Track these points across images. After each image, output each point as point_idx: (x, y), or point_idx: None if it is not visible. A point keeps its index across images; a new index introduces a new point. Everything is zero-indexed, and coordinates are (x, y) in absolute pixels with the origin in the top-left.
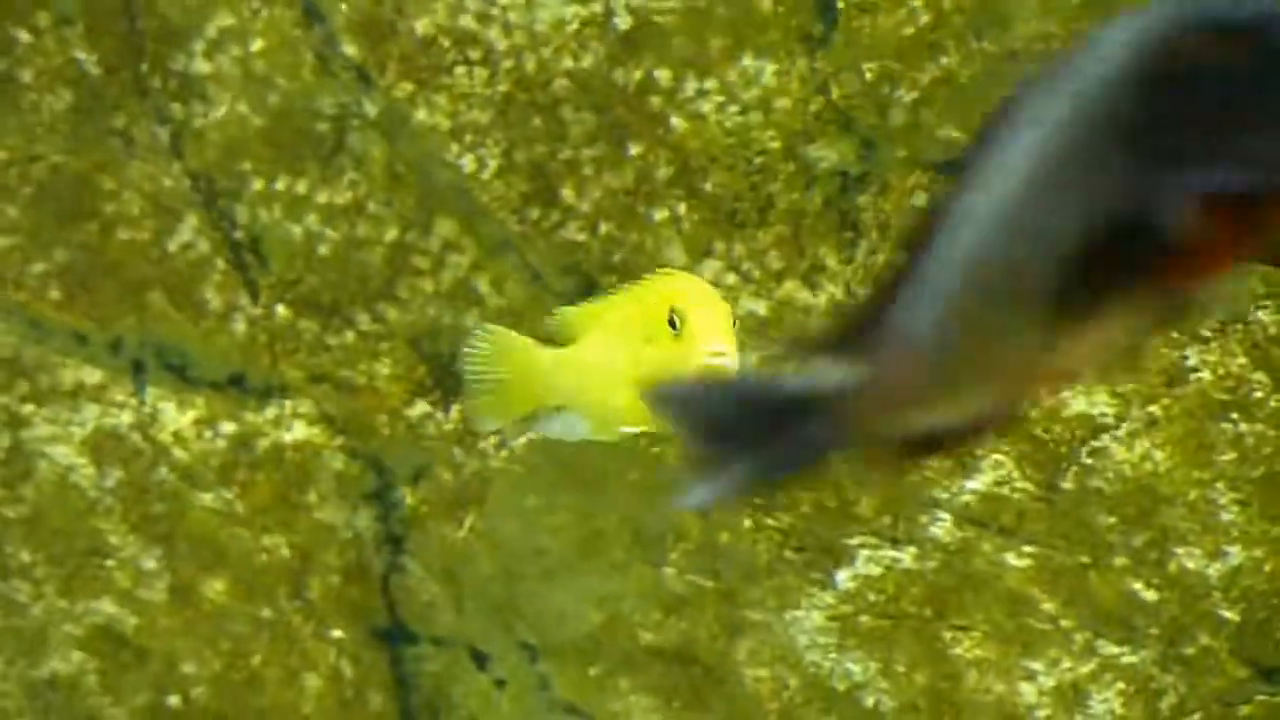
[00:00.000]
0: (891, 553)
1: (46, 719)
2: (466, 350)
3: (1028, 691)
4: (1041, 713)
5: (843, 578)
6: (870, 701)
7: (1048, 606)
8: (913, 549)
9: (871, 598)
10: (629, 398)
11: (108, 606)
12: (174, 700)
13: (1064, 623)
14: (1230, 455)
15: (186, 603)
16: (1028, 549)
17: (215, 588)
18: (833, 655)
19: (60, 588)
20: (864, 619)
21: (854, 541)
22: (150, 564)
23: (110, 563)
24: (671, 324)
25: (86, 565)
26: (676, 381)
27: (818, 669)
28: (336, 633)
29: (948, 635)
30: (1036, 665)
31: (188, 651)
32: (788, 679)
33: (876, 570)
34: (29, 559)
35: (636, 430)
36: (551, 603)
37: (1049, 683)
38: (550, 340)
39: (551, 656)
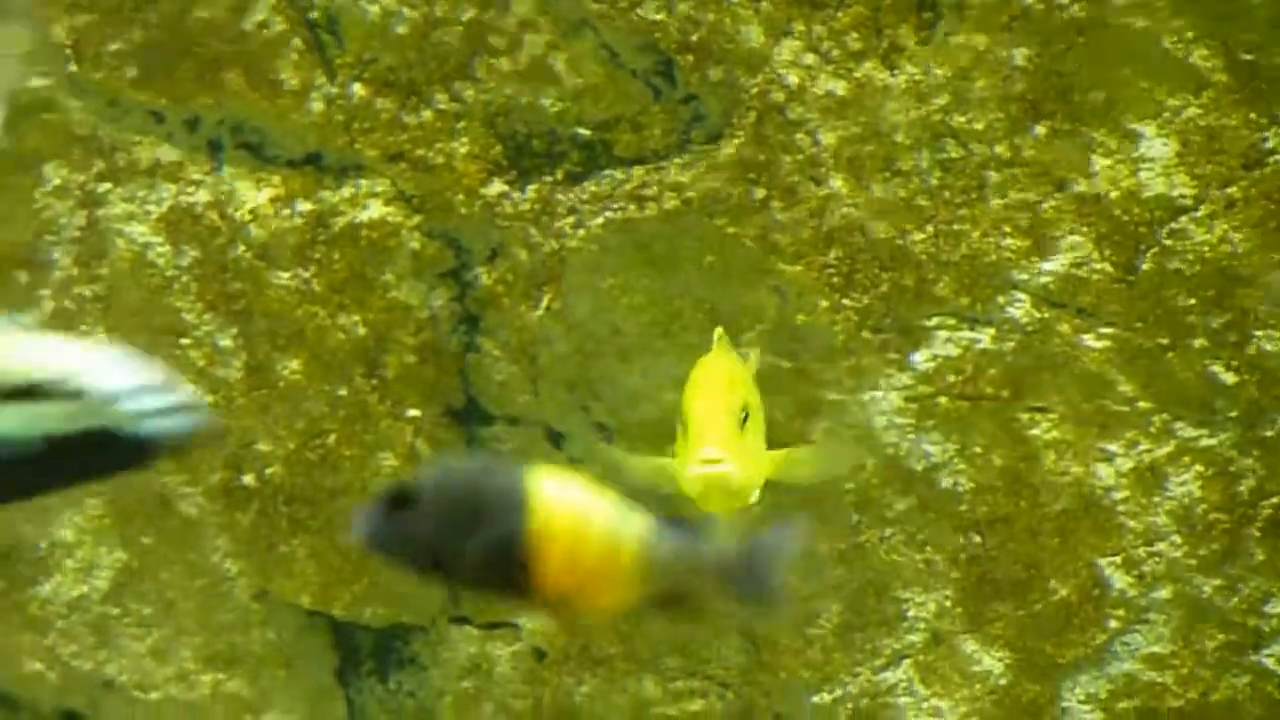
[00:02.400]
0: (969, 333)
1: (120, 498)
2: None
3: (1105, 473)
4: (1119, 494)
5: (920, 358)
6: (947, 482)
7: (1126, 388)
8: (991, 330)
9: (949, 378)
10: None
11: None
12: (248, 479)
13: (1142, 404)
14: None
15: (262, 381)
16: (1106, 330)
17: (291, 366)
18: (910, 436)
19: None
20: (941, 400)
21: (932, 322)
22: (226, 342)
23: (186, 341)
24: (684, 427)
25: (162, 344)
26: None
27: (895, 450)
28: (412, 412)
29: (1025, 416)
30: (1114, 447)
31: (263, 430)
32: (864, 459)
33: (954, 351)
34: (105, 337)
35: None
36: (627, 383)
37: (1126, 464)
38: None
39: (627, 436)
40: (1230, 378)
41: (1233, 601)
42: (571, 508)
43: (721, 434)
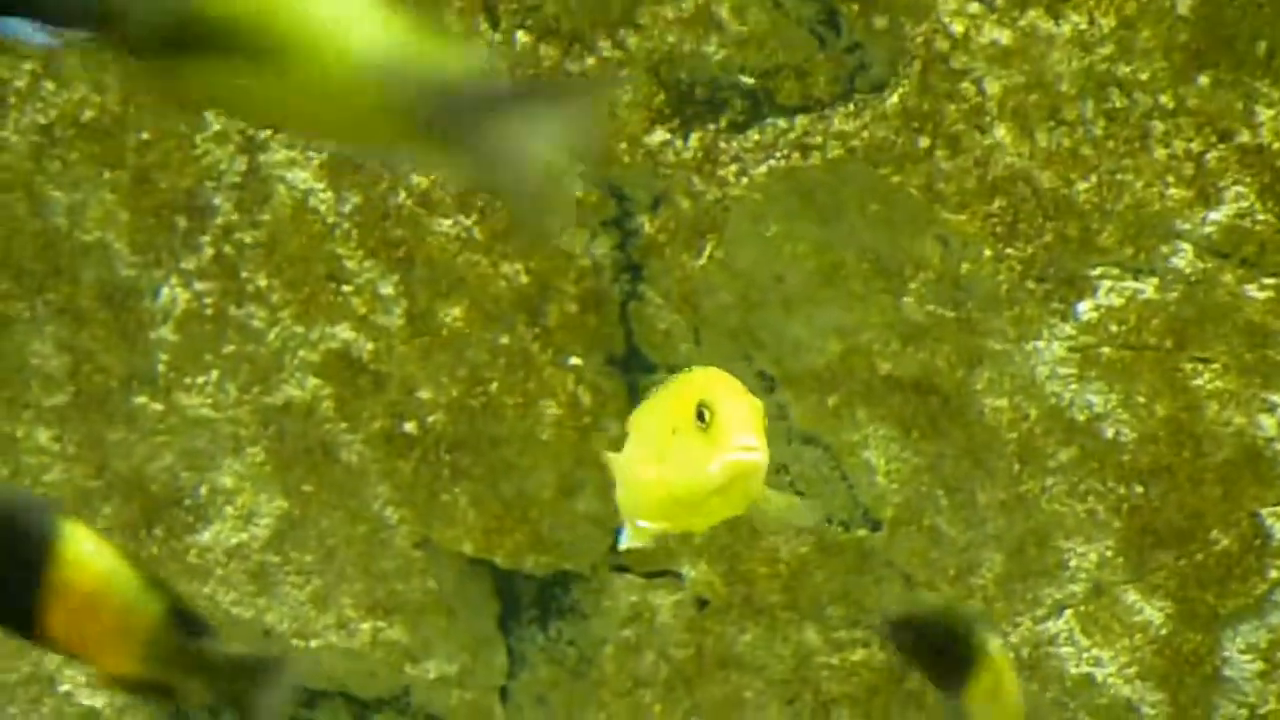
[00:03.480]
0: (1133, 284)
1: (280, 445)
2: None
3: (1267, 424)
4: None
5: (1084, 308)
6: (1110, 433)
7: None
8: (1154, 280)
9: (1112, 329)
10: (652, 494)
11: (344, 332)
12: (410, 427)
13: None
14: None
15: (424, 329)
16: (1269, 281)
17: (453, 314)
18: (1073, 386)
19: (297, 313)
20: (1105, 350)
21: (1095, 272)
22: (388, 290)
23: (347, 288)
24: (700, 417)
25: (323, 290)
26: None
27: (1058, 400)
28: (574, 360)
29: (1188, 367)
30: (1277, 398)
31: (424, 378)
32: (1027, 409)
33: (1118, 301)
34: (265, 284)
35: (654, 528)
36: (790, 332)
37: None
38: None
39: (790, 386)
40: None
41: None
42: (98, 567)
43: (754, 425)
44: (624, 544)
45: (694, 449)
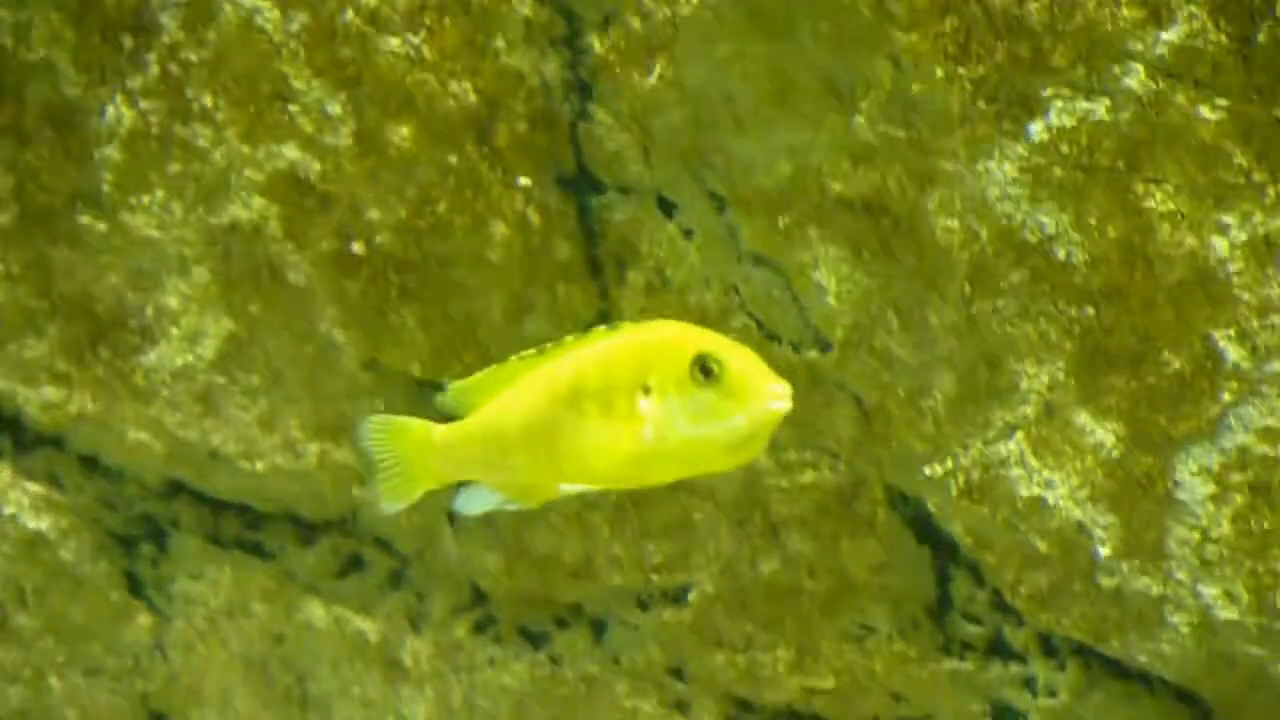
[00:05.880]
0: (1085, 104)
1: (226, 265)
2: (362, 442)
3: (1219, 245)
4: (1233, 266)
5: (1035, 129)
6: (1062, 254)
7: (1241, 160)
8: (1106, 101)
9: (1064, 149)
10: (613, 453)
11: (291, 152)
12: (357, 247)
13: (1256, 176)
14: None
15: (372, 149)
16: (1221, 102)
17: (401, 134)
18: (1024, 207)
19: (243, 133)
20: (1056, 171)
21: (1047, 93)
22: (335, 109)
23: (294, 108)
24: (705, 371)
25: (270, 110)
26: None
27: (1009, 220)
28: (523, 180)
29: (1140, 188)
30: (1229, 219)
31: (372, 198)
32: (978, 230)
33: (1069, 122)
34: (211, 103)
35: (577, 489)
36: (741, 152)
37: (1241, 236)
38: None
39: (740, 206)
40: None
41: None
42: None
43: (772, 371)
44: (473, 509)
45: (702, 408)
